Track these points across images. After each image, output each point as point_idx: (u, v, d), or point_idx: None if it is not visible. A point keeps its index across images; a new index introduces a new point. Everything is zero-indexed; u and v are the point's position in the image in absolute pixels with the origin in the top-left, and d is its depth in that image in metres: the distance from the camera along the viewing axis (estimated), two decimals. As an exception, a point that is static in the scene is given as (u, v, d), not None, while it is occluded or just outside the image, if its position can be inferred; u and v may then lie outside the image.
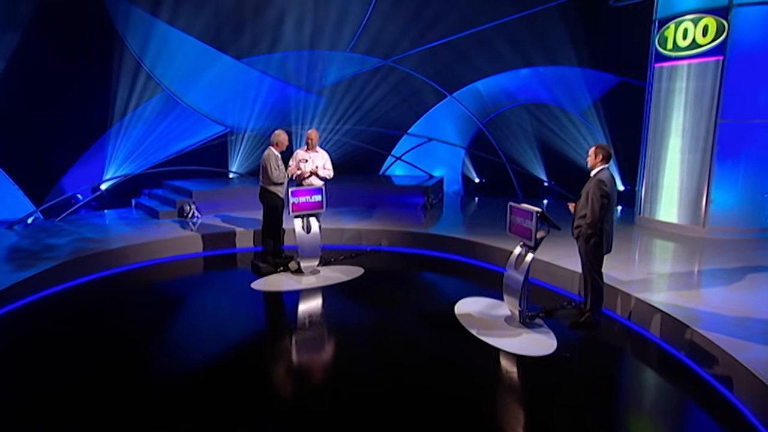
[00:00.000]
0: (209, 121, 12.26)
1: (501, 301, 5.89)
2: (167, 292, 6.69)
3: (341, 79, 13.00)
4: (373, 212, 9.96)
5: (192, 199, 9.56)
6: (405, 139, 13.90)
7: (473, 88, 13.46)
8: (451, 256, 8.02)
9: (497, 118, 13.58)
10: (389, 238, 8.54)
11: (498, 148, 13.43)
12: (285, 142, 7.08)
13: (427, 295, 6.82)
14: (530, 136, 13.07)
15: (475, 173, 14.20)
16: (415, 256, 8.19)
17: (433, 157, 13.60)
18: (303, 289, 6.59)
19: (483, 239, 7.91)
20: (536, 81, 12.69)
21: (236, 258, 8.13)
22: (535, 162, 13.00)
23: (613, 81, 11.66)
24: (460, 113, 13.75)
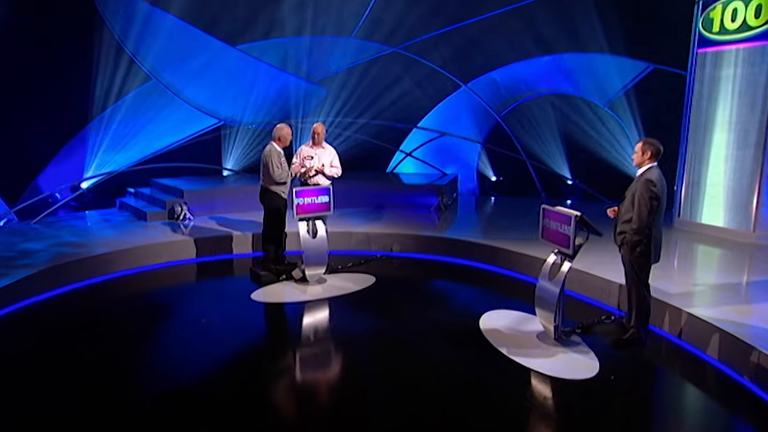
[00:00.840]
0: (201, 113, 12.22)
1: (531, 315, 5.75)
2: (156, 303, 6.55)
3: (345, 67, 12.96)
4: (382, 214, 9.91)
5: (183, 199, 9.47)
6: (414, 133, 13.85)
7: (489, 78, 13.38)
8: (470, 263, 7.94)
9: (516, 110, 13.47)
10: (401, 243, 8.45)
11: (517, 143, 13.33)
12: (288, 136, 6.94)
13: (447, 308, 6.61)
14: (552, 130, 12.96)
15: (492, 171, 14.06)
16: (430, 263, 8.10)
17: (445, 152, 13.57)
18: (308, 300, 6.47)
19: (505, 244, 7.81)
20: (558, 69, 12.58)
21: (233, 265, 8.03)
22: (558, 158, 12.88)
23: (646, 68, 11.47)
24: (476, 105, 13.68)
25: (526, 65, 12.81)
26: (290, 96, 12.66)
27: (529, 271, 7.26)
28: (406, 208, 10.30)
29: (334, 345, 5.47)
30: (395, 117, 13.21)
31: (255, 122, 12.45)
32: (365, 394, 4.51)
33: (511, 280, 7.32)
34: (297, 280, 7.01)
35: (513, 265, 7.54)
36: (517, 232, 8.57)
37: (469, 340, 5.44)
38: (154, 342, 5.48)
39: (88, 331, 5.64)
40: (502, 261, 7.68)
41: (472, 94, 13.59)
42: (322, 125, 7.47)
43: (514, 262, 7.52)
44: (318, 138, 7.38)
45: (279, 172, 6.85)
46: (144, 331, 5.68)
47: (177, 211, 9.24)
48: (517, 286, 7.10)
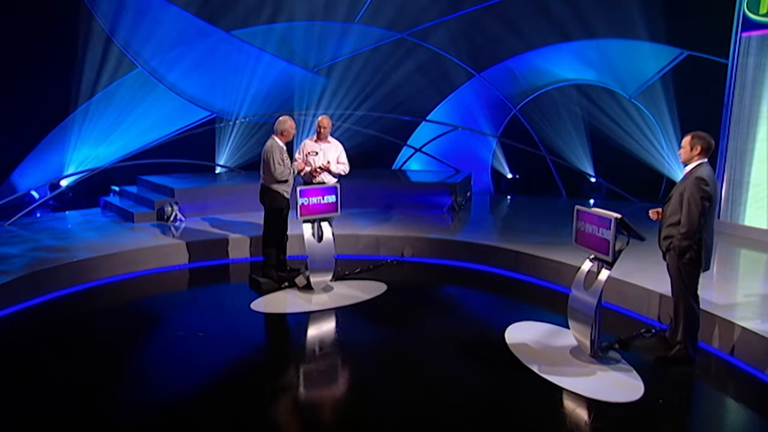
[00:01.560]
0: (192, 104, 12.18)
1: (561, 327, 5.69)
2: (145, 314, 6.44)
3: (347, 55, 12.93)
4: (391, 215, 9.84)
5: (174, 198, 9.37)
6: (423, 127, 13.75)
7: (505, 67, 13.31)
8: (489, 269, 7.86)
9: (534, 102, 13.39)
10: (413, 247, 8.36)
11: (536, 137, 13.26)
12: (291, 131, 6.84)
13: (467, 320, 6.46)
14: (574, 123, 12.89)
15: (508, 168, 13.97)
16: (445, 269, 8.01)
17: (456, 148, 13.50)
18: (313, 310, 6.37)
19: (528, 248, 7.70)
20: (580, 57, 12.50)
21: (229, 271, 7.96)
22: (581, 154, 12.80)
23: (679, 55, 11.32)
24: (490, 96, 13.60)
25: (544, 53, 12.73)
26: (289, 86, 12.62)
27: (555, 278, 7.14)
28: (416, 209, 10.22)
29: (342, 361, 5.34)
30: (402, 109, 13.16)
31: (251, 115, 12.38)
32: (377, 418, 4.35)
33: (535, 288, 7.20)
34: (301, 287, 6.92)
35: (537, 271, 7.42)
36: (538, 235, 8.48)
37: (494, 357, 5.29)
38: (141, 358, 5.35)
39: (67, 346, 5.51)
40: (525, 267, 7.55)
41: (486, 85, 13.52)
42: (328, 118, 7.34)
43: (538, 268, 7.39)
44: (323, 132, 7.26)
45: (281, 170, 6.73)
46: (130, 345, 5.57)
47: (167, 212, 9.14)
48: (543, 295, 6.98)
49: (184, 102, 12.06)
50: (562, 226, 9.39)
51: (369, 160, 12.51)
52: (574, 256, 6.87)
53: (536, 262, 7.43)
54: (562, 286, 6.91)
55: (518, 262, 7.63)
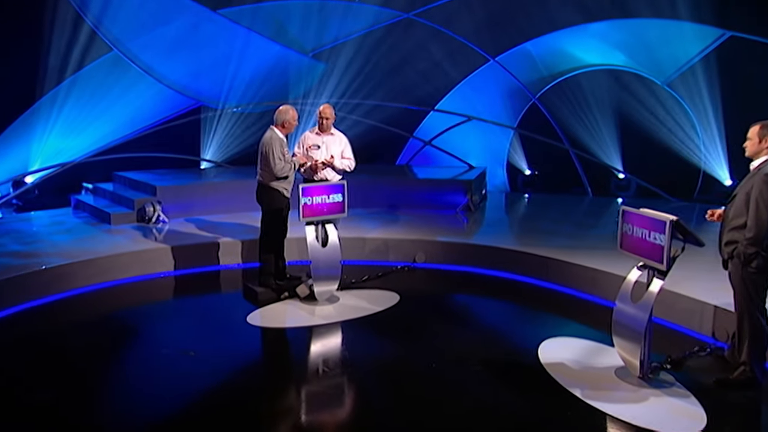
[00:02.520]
0: (175, 92, 12.14)
1: (601, 344, 5.63)
2: (125, 328, 6.35)
3: (348, 38, 12.91)
4: (399, 216, 9.83)
5: (156, 197, 9.32)
6: (431, 118, 13.72)
7: (523, 50, 13.24)
8: (512, 276, 7.79)
9: (555, 90, 13.31)
10: (425, 251, 8.28)
11: (557, 129, 13.16)
12: (294, 122, 6.76)
13: (493, 335, 6.34)
14: (600, 113, 12.80)
15: (526, 162, 13.90)
16: (462, 276, 7.98)
17: (468, 140, 13.45)
18: (317, 324, 6.29)
19: (556, 253, 7.62)
20: (606, 39, 12.43)
21: (220, 279, 7.94)
22: (609, 147, 12.72)
23: (720, 36, 11.19)
24: (506, 83, 13.57)
25: (567, 35, 12.68)
26: (282, 72, 12.61)
27: (590, 287, 7.01)
28: (426, 208, 10.20)
29: (350, 383, 5.27)
30: (408, 98, 13.13)
31: (240, 104, 12.34)
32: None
33: (567, 299, 7.09)
34: (303, 298, 6.85)
35: (568, 279, 7.29)
36: (566, 238, 8.41)
37: (528, 379, 5.16)
38: (122, 381, 5.24)
39: (35, 368, 5.39)
40: (555, 274, 7.44)
41: (502, 70, 13.42)
42: (331, 107, 7.26)
43: (570, 276, 7.27)
44: (326, 123, 7.18)
45: (281, 165, 6.64)
46: (109, 366, 5.48)
47: (148, 213, 9.09)
48: (577, 307, 6.87)
49: (165, 89, 12.01)
50: (592, 228, 9.45)
51: (371, 154, 12.37)
52: (610, 263, 6.83)
53: (567, 269, 7.32)
54: (598, 296, 6.84)
55: (547, 269, 7.51)
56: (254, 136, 11.40)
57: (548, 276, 7.49)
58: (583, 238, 8.51)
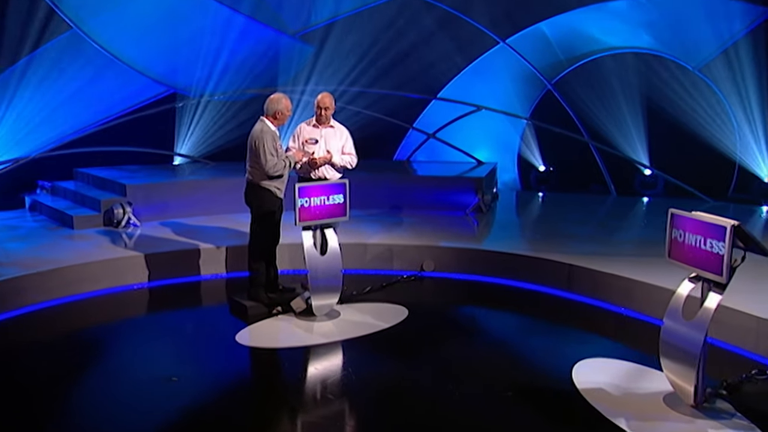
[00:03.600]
0: (145, 78, 12.05)
1: (643, 366, 5.56)
2: (94, 349, 6.26)
3: (337, 18, 12.87)
4: (402, 217, 9.88)
5: (126, 197, 9.29)
6: (433, 107, 13.68)
7: (537, 31, 13.22)
8: (532, 287, 7.78)
9: (573, 75, 13.29)
10: (434, 258, 8.26)
11: (576, 120, 13.11)
12: (287, 112, 6.69)
13: (519, 355, 6.21)
14: (624, 102, 12.77)
15: (540, 157, 13.87)
16: (476, 287, 7.99)
17: (474, 132, 13.40)
18: (315, 344, 6.23)
19: (582, 260, 7.58)
20: (631, 18, 12.40)
21: (201, 291, 7.95)
22: (634, 139, 12.70)
23: (760, 15, 11.19)
24: (518, 68, 13.52)
25: (586, 14, 12.66)
26: (266, 56, 12.57)
27: (624, 300, 6.95)
28: (432, 210, 10.24)
29: (353, 412, 5.21)
30: (407, 85, 13.06)
31: (219, 92, 12.28)
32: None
33: (598, 313, 7.05)
34: (298, 313, 6.78)
35: (598, 291, 7.22)
36: (594, 243, 8.38)
37: (565, 407, 5.08)
38: (89, 412, 5.13)
39: None
40: (582, 285, 7.39)
41: (513, 54, 13.35)
42: (330, 96, 7.16)
43: (597, 285, 7.24)
44: (325, 114, 7.07)
45: (274, 162, 6.54)
46: (75, 393, 5.37)
47: (117, 215, 9.04)
48: (611, 323, 6.83)
49: (135, 74, 11.91)
50: (619, 231, 9.51)
51: (364, 148, 12.26)
52: (646, 271, 6.84)
53: (595, 278, 7.27)
54: (633, 310, 6.82)
55: (572, 279, 7.47)
56: (238, 128, 11.43)
57: (572, 286, 7.46)
58: (610, 242, 8.51)
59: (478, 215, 10.09)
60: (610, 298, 7.08)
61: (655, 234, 8.96)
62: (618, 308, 6.99)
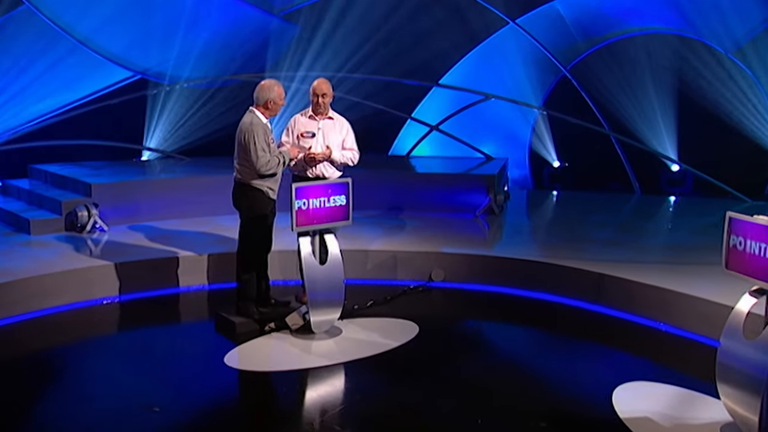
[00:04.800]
0: (109, 62, 12.04)
1: (693, 392, 5.52)
2: (59, 373, 6.25)
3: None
4: (405, 220, 9.93)
5: (91, 198, 9.25)
6: (434, 96, 13.74)
7: (550, 11, 13.26)
8: (556, 299, 7.77)
9: (592, 60, 13.29)
10: (444, 266, 8.28)
11: (595, 109, 13.12)
12: (280, 100, 6.70)
13: (549, 378, 6.10)
14: (649, 89, 12.76)
15: (555, 152, 13.91)
16: (491, 298, 8.00)
17: (478, 123, 13.41)
18: (314, 366, 6.19)
19: (612, 268, 7.56)
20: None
21: (179, 305, 7.96)
22: (661, 132, 12.70)
23: None
24: (529, 52, 13.53)
25: None
26: (247, 37, 12.61)
27: (664, 315, 6.89)
28: (437, 211, 10.27)
29: None
30: (404, 70, 13.00)
31: (194, 78, 12.31)
32: None
33: (632, 329, 7.01)
34: (294, 330, 6.74)
35: (629, 302, 7.21)
36: (624, 249, 8.35)
37: None
38: None
39: None
40: (610, 296, 7.39)
41: (523, 36, 13.37)
42: (327, 82, 7.13)
43: (631, 298, 7.19)
44: (323, 103, 7.03)
45: (266, 159, 6.51)
46: (36, 423, 5.33)
47: (82, 219, 9.00)
48: (647, 339, 6.77)
49: (100, 58, 11.87)
50: (652, 235, 9.56)
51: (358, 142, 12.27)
52: (688, 282, 6.85)
53: (632, 289, 7.21)
54: (674, 326, 6.79)
55: (602, 290, 7.45)
56: (216, 119, 11.60)
57: (602, 298, 7.44)
58: (643, 248, 8.49)
59: (489, 217, 10.10)
60: (646, 312, 7.04)
61: (690, 238, 9.15)
62: (656, 323, 6.95)
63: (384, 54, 12.95)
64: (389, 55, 12.97)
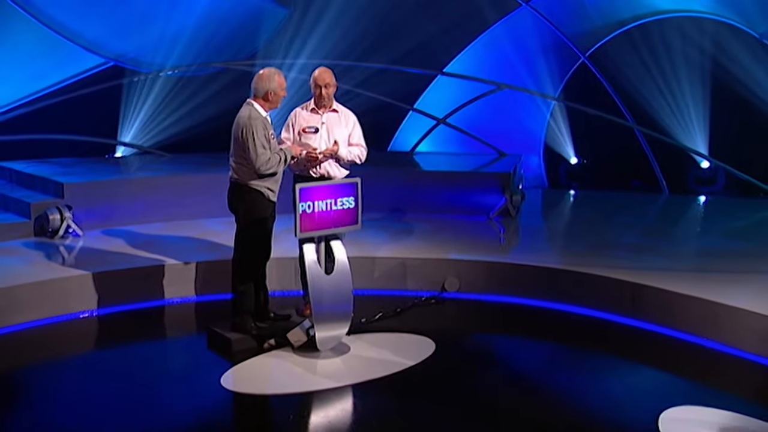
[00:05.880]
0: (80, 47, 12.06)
1: (751, 418, 5.45)
2: (26, 395, 6.19)
3: None
4: (412, 223, 9.97)
5: (64, 200, 9.28)
6: (438, 85, 13.81)
7: None
8: (583, 311, 7.76)
9: (614, 45, 13.32)
10: (458, 275, 8.31)
11: (617, 100, 13.15)
12: (281, 91, 6.67)
13: (588, 401, 6.07)
14: (678, 78, 12.78)
15: (572, 148, 13.94)
16: (513, 310, 8.00)
17: (486, 116, 13.46)
18: (320, 389, 6.12)
19: (650, 278, 7.50)
20: None
21: (165, 320, 7.92)
22: (692, 125, 12.71)
23: None
24: (544, 37, 13.57)
25: None
26: (234, 20, 12.65)
27: (708, 329, 6.85)
28: (446, 213, 10.34)
29: None
30: (404, 57, 13.00)
31: (175, 65, 12.36)
32: None
33: (675, 346, 6.94)
34: (296, 347, 6.69)
35: (670, 317, 7.15)
36: (653, 255, 8.34)
37: None
38: None
39: None
40: (649, 309, 7.33)
41: (538, 20, 13.39)
42: (329, 71, 7.12)
43: (673, 311, 7.13)
44: (326, 94, 7.04)
45: (266, 157, 6.47)
46: None
47: (54, 223, 8.99)
48: (693, 358, 6.71)
49: (68, 42, 11.90)
50: (688, 239, 9.63)
51: None
52: (736, 295, 6.79)
53: (672, 302, 7.16)
54: (722, 343, 6.70)
55: (638, 302, 7.40)
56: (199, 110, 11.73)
57: (638, 311, 7.38)
58: (678, 254, 8.46)
59: (505, 220, 10.12)
60: (689, 327, 6.98)
61: (726, 243, 9.18)
62: (700, 340, 6.90)
63: (381, 38, 13.00)
64: (387, 39, 13.01)
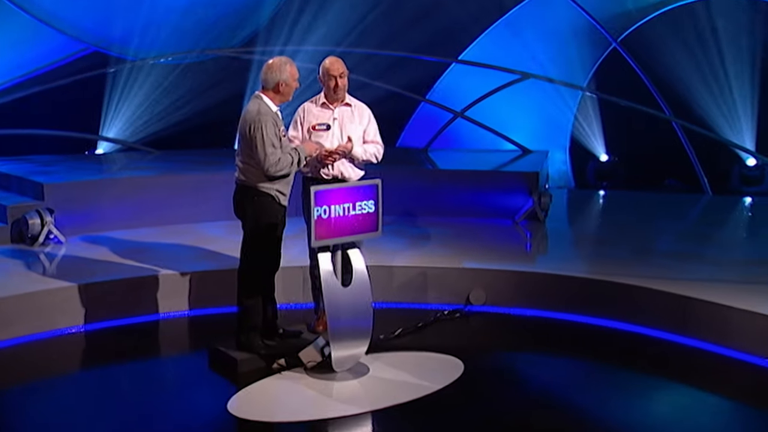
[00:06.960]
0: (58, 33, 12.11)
1: None
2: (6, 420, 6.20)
3: None
4: (428, 228, 10.03)
5: (44, 202, 9.37)
6: (452, 74, 13.92)
7: None
8: (625, 326, 7.75)
9: (649, 29, 13.39)
10: (485, 286, 8.29)
11: (652, 90, 13.12)
12: (293, 82, 6.65)
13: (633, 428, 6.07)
14: (722, 65, 12.83)
15: (602, 144, 13.95)
16: (546, 326, 8.00)
17: (506, 108, 13.51)
18: (336, 417, 6.06)
19: (703, 290, 7.45)
20: None
21: (159, 336, 7.96)
22: (738, 117, 12.74)
23: None
24: (571, 21, 13.65)
25: None
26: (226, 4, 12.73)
27: None
28: (465, 216, 10.44)
29: None
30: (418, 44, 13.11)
31: (164, 53, 12.41)
32: None
33: (734, 368, 6.90)
34: (309, 368, 6.68)
35: (725, 334, 7.09)
36: (701, 263, 8.33)
37: None
38: None
39: None
40: (700, 325, 7.29)
41: (564, 2, 13.44)
42: (341, 61, 7.14)
43: (732, 329, 7.08)
44: (339, 86, 7.05)
45: (276, 157, 6.45)
46: None
47: (33, 228, 9.07)
48: (756, 381, 6.67)
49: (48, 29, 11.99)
50: (738, 246, 9.65)
51: None
52: None
53: (727, 318, 7.12)
54: None
55: (689, 318, 7.38)
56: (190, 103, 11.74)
57: (689, 328, 7.35)
58: (729, 263, 8.42)
59: (531, 224, 10.19)
60: (748, 346, 6.94)
61: None
62: (762, 360, 6.86)
63: (392, 24, 13.10)
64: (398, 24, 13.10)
